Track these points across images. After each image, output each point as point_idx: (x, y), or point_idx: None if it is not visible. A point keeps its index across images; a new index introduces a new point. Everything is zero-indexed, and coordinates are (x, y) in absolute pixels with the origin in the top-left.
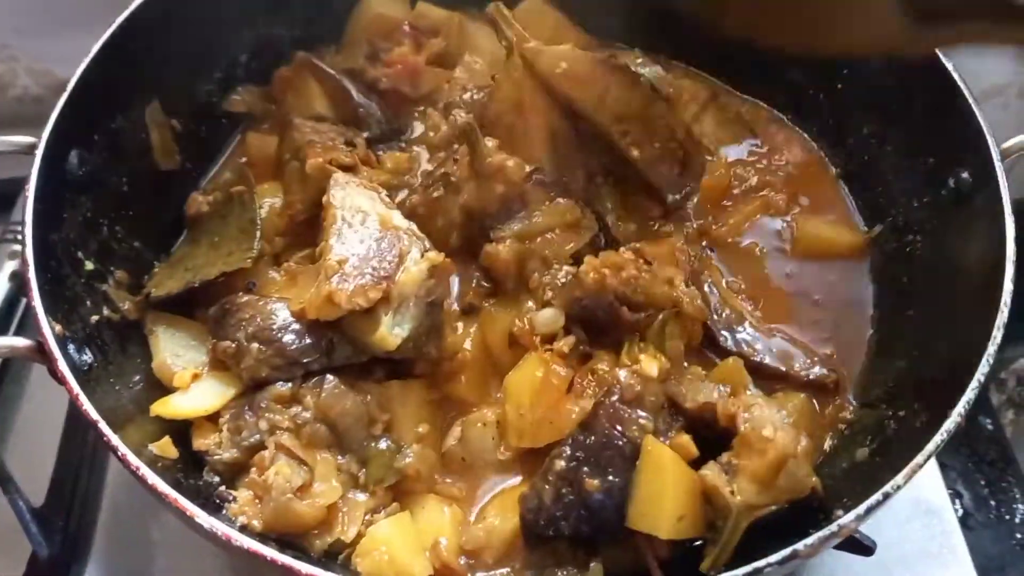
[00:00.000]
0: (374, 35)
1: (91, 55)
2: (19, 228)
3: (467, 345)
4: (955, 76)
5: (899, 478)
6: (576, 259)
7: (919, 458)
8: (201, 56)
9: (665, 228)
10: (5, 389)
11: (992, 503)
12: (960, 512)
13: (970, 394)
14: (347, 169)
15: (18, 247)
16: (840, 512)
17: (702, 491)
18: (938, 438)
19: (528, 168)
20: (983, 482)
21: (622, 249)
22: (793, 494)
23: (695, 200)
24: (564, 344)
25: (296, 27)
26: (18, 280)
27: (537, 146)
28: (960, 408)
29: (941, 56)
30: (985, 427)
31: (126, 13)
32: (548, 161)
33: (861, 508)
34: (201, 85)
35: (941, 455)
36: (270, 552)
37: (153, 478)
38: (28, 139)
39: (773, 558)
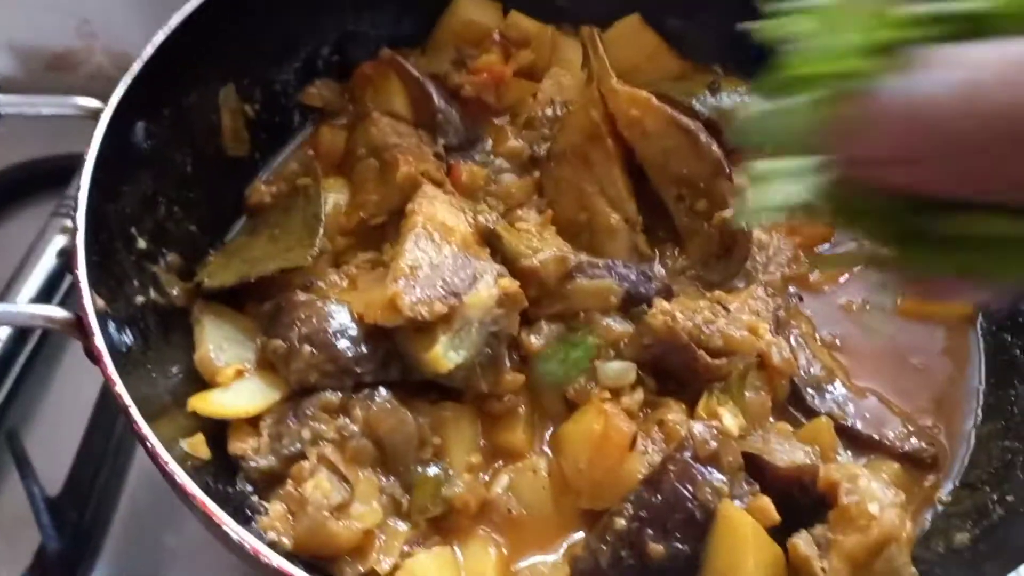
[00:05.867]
0: (462, 41)
1: (170, 28)
2: (73, 202)
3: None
4: None
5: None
6: (626, 310)
7: None
8: (282, 44)
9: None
10: (36, 370)
11: None
12: None
13: None
14: (436, 184)
15: (70, 223)
16: None
17: (787, 564)
18: None
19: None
20: None
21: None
22: None
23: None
24: (633, 401)
25: (382, 25)
26: (65, 258)
27: (615, 172)
28: None
29: None
30: None
31: None
32: (625, 188)
33: None
34: (279, 74)
35: None
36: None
37: (181, 476)
38: (95, 103)
39: None
